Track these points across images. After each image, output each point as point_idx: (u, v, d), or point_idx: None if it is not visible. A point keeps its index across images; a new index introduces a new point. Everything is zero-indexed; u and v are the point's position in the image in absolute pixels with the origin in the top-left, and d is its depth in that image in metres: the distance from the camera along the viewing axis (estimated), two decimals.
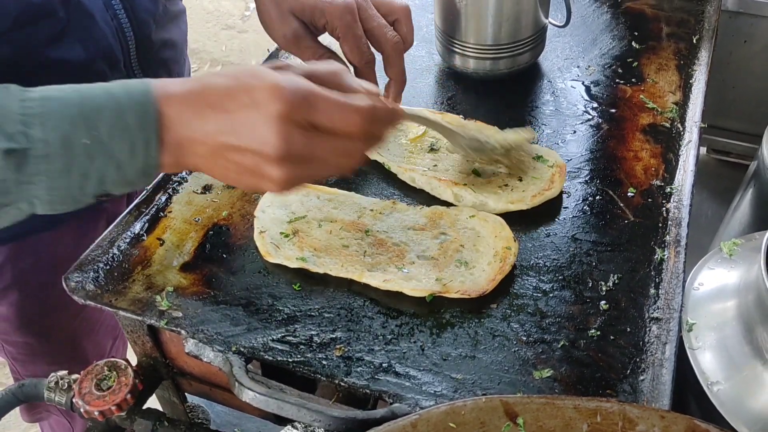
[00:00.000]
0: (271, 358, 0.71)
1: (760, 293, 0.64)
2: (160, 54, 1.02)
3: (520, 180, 0.86)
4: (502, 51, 1.00)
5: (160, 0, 0.99)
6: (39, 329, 1.09)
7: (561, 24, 1.05)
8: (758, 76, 1.29)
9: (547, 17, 1.03)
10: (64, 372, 0.82)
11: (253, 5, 3.34)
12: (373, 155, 0.92)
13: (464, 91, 1.03)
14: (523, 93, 1.03)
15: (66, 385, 0.81)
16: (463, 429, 0.60)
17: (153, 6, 0.96)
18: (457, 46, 1.02)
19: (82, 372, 0.77)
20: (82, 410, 0.75)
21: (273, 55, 1.08)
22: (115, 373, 0.77)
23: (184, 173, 0.91)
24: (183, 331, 0.74)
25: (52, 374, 0.82)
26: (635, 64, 1.05)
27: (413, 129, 0.94)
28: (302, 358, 0.70)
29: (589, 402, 0.60)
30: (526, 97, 1.02)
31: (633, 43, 1.09)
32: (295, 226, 0.83)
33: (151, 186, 0.88)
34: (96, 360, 0.77)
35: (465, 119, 0.95)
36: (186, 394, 0.90)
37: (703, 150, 1.43)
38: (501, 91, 1.03)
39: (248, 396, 0.66)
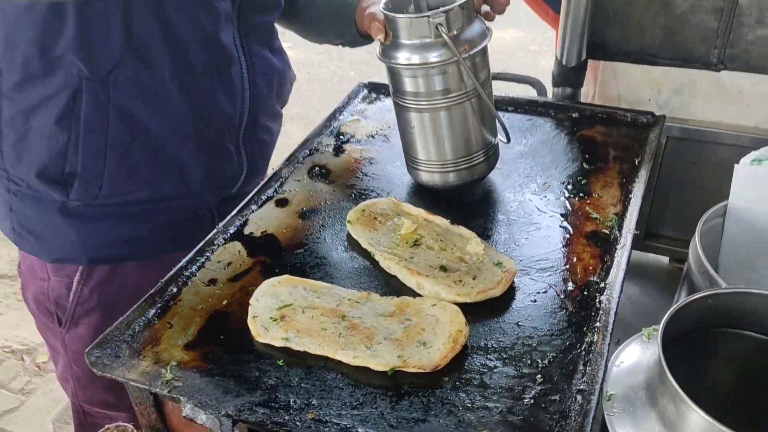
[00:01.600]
0: (253, 419, 0.84)
1: (660, 369, 0.77)
2: (261, 134, 1.37)
3: (474, 278, 1.02)
4: (459, 164, 1.20)
5: (273, 96, 1.35)
6: None
7: (505, 141, 1.24)
8: (706, 192, 1.45)
9: (495, 136, 1.23)
10: None
11: None
12: (364, 244, 1.10)
13: (433, 202, 1.21)
14: (487, 204, 1.21)
15: None
16: None
17: (267, 94, 1.33)
18: (421, 163, 1.22)
19: None
20: None
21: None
22: None
23: (193, 268, 1.08)
24: (182, 397, 0.88)
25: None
26: (584, 181, 1.23)
27: (407, 225, 1.12)
28: (280, 420, 0.84)
29: None
30: (490, 207, 1.20)
31: (584, 164, 1.28)
32: (283, 312, 0.98)
33: (165, 279, 1.05)
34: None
35: (451, 224, 1.13)
36: None
37: (666, 260, 1.57)
38: (469, 201, 1.21)
39: None
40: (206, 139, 1.26)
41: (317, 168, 1.32)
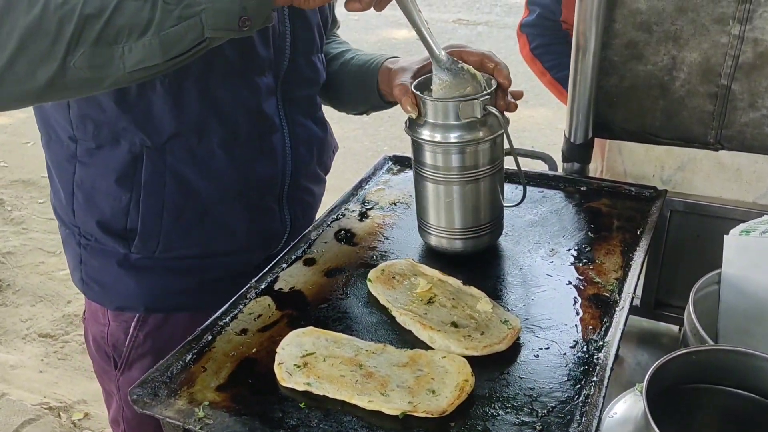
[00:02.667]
0: None
1: (646, 421, 0.84)
2: (304, 196, 1.48)
3: (482, 334, 1.10)
4: (467, 233, 1.30)
5: (314, 161, 1.47)
6: None
7: (515, 204, 1.34)
8: (711, 263, 1.51)
9: (502, 212, 1.33)
10: None
11: None
12: (383, 300, 1.19)
13: (448, 263, 1.30)
14: (498, 266, 1.30)
15: None
16: None
17: (308, 159, 1.44)
18: (432, 228, 1.32)
19: None
20: None
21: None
22: None
23: (227, 319, 1.18)
24: None
25: None
26: (589, 248, 1.31)
27: (422, 284, 1.21)
28: None
29: None
30: (500, 270, 1.29)
31: (589, 233, 1.36)
32: (306, 360, 1.07)
33: (201, 327, 1.15)
34: None
35: (464, 284, 1.22)
36: None
37: (676, 328, 1.62)
38: (481, 264, 1.30)
39: None
40: (251, 200, 1.37)
41: (343, 231, 1.43)
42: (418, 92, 1.25)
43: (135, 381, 1.38)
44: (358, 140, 5.51)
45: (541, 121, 5.57)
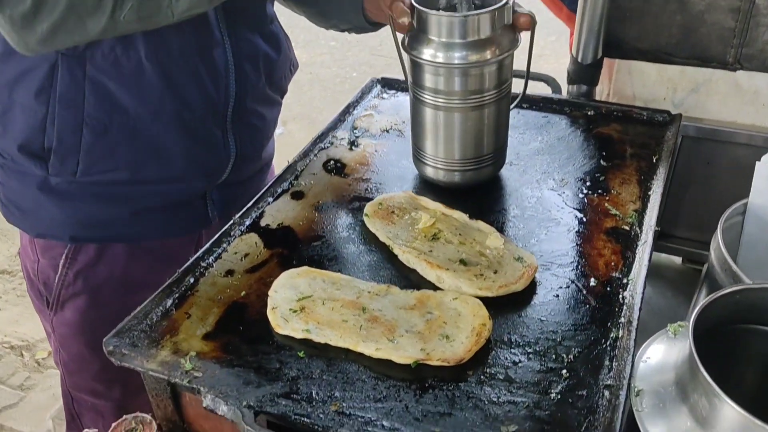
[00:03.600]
0: (275, 411, 0.82)
1: (692, 364, 0.76)
2: (251, 120, 1.32)
3: (495, 272, 1.00)
4: (467, 165, 1.19)
5: (262, 80, 1.30)
6: (94, 342, 1.14)
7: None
8: (721, 192, 1.44)
9: (506, 142, 1.23)
10: (95, 430, 0.94)
11: None
12: (382, 237, 1.09)
13: (450, 196, 1.20)
14: (505, 199, 1.20)
15: None
16: None
17: (255, 79, 1.28)
18: (428, 158, 1.21)
19: (113, 424, 0.89)
20: None
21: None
22: (141, 426, 0.89)
23: (210, 259, 1.06)
24: (202, 388, 0.86)
25: (85, 430, 0.94)
26: (602, 178, 1.22)
27: (425, 219, 1.11)
28: (303, 411, 0.82)
29: None
30: (507, 203, 1.19)
31: (601, 161, 1.27)
32: (302, 304, 0.96)
33: (181, 270, 1.04)
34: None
35: (470, 218, 1.12)
36: None
37: (679, 260, 1.57)
38: (486, 197, 1.20)
39: None
40: (189, 122, 1.23)
41: (332, 161, 1.31)
42: (418, 5, 1.11)
43: (68, 323, 1.29)
44: (326, 66, 5.29)
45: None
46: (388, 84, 1.56)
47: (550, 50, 5.30)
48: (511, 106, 1.23)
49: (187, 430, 0.97)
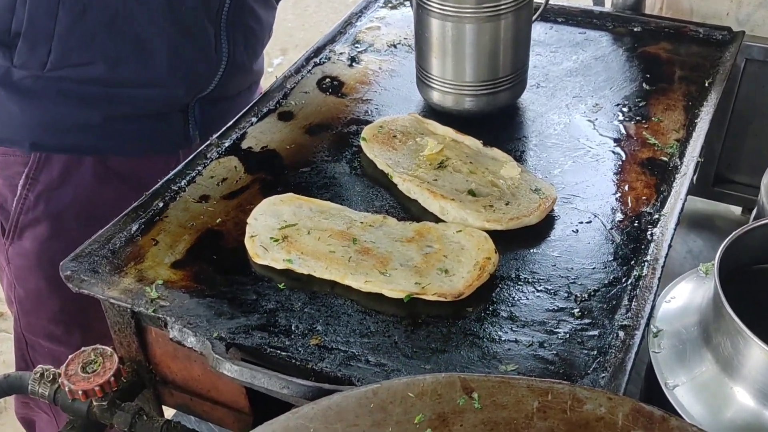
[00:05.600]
0: (249, 343, 0.91)
1: (717, 303, 0.83)
2: (248, 20, 1.39)
3: (507, 204, 1.07)
4: (479, 89, 1.25)
5: None
6: (54, 277, 1.16)
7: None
8: None
9: (527, 61, 1.28)
10: (49, 367, 1.03)
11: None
12: (381, 164, 1.16)
13: (464, 121, 1.26)
14: (527, 125, 1.26)
15: (51, 377, 1.02)
16: (420, 399, 0.79)
17: None
18: (434, 80, 1.27)
19: (70, 356, 0.98)
20: (66, 389, 0.95)
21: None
22: (101, 358, 0.98)
23: (182, 183, 1.14)
24: (169, 318, 0.95)
25: (39, 366, 1.03)
26: (643, 103, 1.27)
27: (431, 145, 1.18)
28: (280, 344, 0.91)
29: (542, 383, 0.79)
30: (530, 129, 1.25)
31: (644, 84, 1.32)
32: (285, 233, 1.04)
33: (149, 192, 1.12)
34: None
35: (484, 144, 1.19)
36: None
37: (738, 210, 1.62)
38: (506, 122, 1.27)
39: (225, 367, 0.86)
40: (179, 14, 1.28)
41: (328, 79, 1.38)
42: None
43: (27, 254, 1.36)
44: None
45: None
46: None
47: None
48: (533, 18, 1.28)
49: (153, 372, 1.06)
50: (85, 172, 1.35)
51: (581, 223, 1.06)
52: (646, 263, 0.98)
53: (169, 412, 1.13)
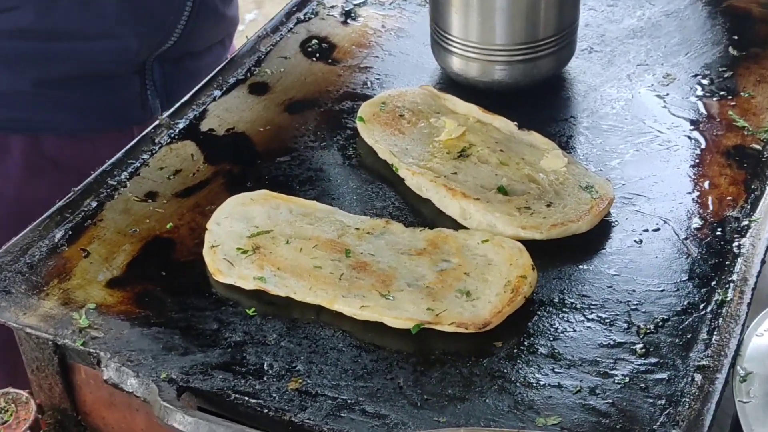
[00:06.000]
0: (208, 387, 0.91)
1: None
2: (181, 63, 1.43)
3: (549, 206, 1.07)
4: (514, 54, 1.25)
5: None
6: None
7: None
8: None
9: (577, 17, 1.28)
10: None
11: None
12: (383, 152, 1.16)
13: (494, 97, 1.26)
14: (577, 102, 1.26)
15: None
16: None
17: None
18: (454, 43, 1.26)
19: None
20: None
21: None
22: (13, 406, 0.98)
23: (123, 176, 1.14)
24: (103, 353, 0.94)
25: None
26: (729, 74, 1.28)
27: (451, 127, 1.18)
28: (248, 388, 0.90)
29: None
30: (580, 107, 1.25)
31: (730, 48, 1.33)
32: (257, 242, 1.04)
33: (79, 188, 1.12)
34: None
35: (519, 128, 1.19)
36: None
37: None
38: (548, 99, 1.27)
39: (176, 418, 0.86)
40: None
41: (315, 41, 1.38)
42: None
43: None
44: None
45: None
46: None
47: None
48: None
49: (83, 425, 1.06)
50: (11, 159, 1.36)
51: (646, 231, 1.06)
52: (731, 285, 0.98)
53: None
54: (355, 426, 0.87)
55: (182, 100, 1.25)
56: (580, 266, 1.03)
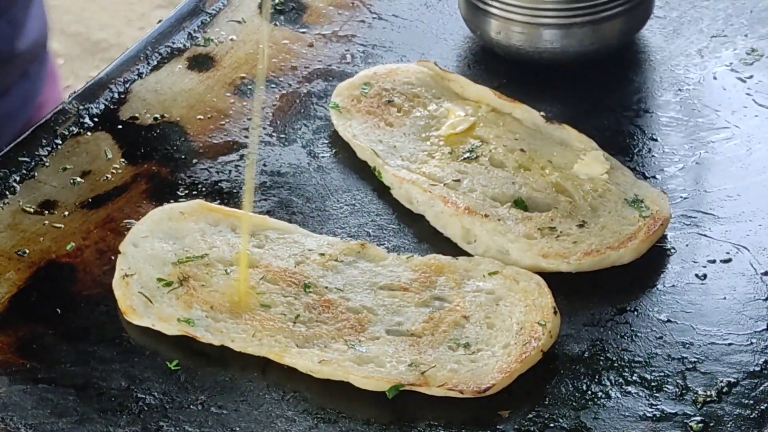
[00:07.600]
0: None
1: None
2: None
3: (581, 225, 1.07)
4: (570, 16, 1.25)
5: None
6: None
7: None
8: None
9: None
10: None
11: None
12: (362, 151, 1.17)
13: (516, 79, 1.26)
14: (628, 84, 1.25)
15: None
16: None
17: None
18: (489, 4, 1.27)
19: None
20: None
21: None
22: None
23: (11, 180, 1.14)
24: None
25: None
26: None
27: (456, 118, 1.18)
28: None
29: None
30: (631, 91, 1.24)
31: None
32: (185, 270, 1.04)
33: None
34: None
35: (547, 120, 1.19)
36: None
37: None
38: (588, 80, 1.26)
39: None
40: None
41: None
42: None
43: None
44: None
45: None
46: None
47: None
48: None
49: None
50: None
51: (713, 262, 1.05)
52: None
53: None
54: None
55: (95, 77, 1.25)
56: (620, 308, 1.02)
